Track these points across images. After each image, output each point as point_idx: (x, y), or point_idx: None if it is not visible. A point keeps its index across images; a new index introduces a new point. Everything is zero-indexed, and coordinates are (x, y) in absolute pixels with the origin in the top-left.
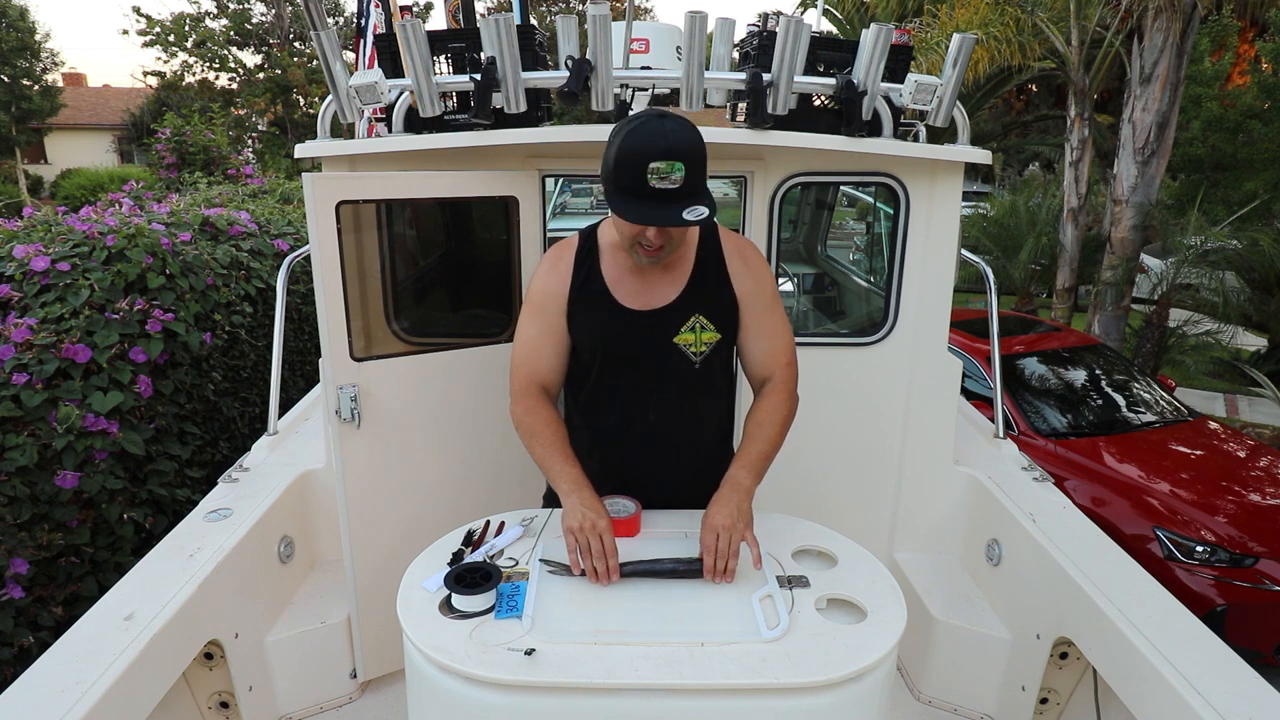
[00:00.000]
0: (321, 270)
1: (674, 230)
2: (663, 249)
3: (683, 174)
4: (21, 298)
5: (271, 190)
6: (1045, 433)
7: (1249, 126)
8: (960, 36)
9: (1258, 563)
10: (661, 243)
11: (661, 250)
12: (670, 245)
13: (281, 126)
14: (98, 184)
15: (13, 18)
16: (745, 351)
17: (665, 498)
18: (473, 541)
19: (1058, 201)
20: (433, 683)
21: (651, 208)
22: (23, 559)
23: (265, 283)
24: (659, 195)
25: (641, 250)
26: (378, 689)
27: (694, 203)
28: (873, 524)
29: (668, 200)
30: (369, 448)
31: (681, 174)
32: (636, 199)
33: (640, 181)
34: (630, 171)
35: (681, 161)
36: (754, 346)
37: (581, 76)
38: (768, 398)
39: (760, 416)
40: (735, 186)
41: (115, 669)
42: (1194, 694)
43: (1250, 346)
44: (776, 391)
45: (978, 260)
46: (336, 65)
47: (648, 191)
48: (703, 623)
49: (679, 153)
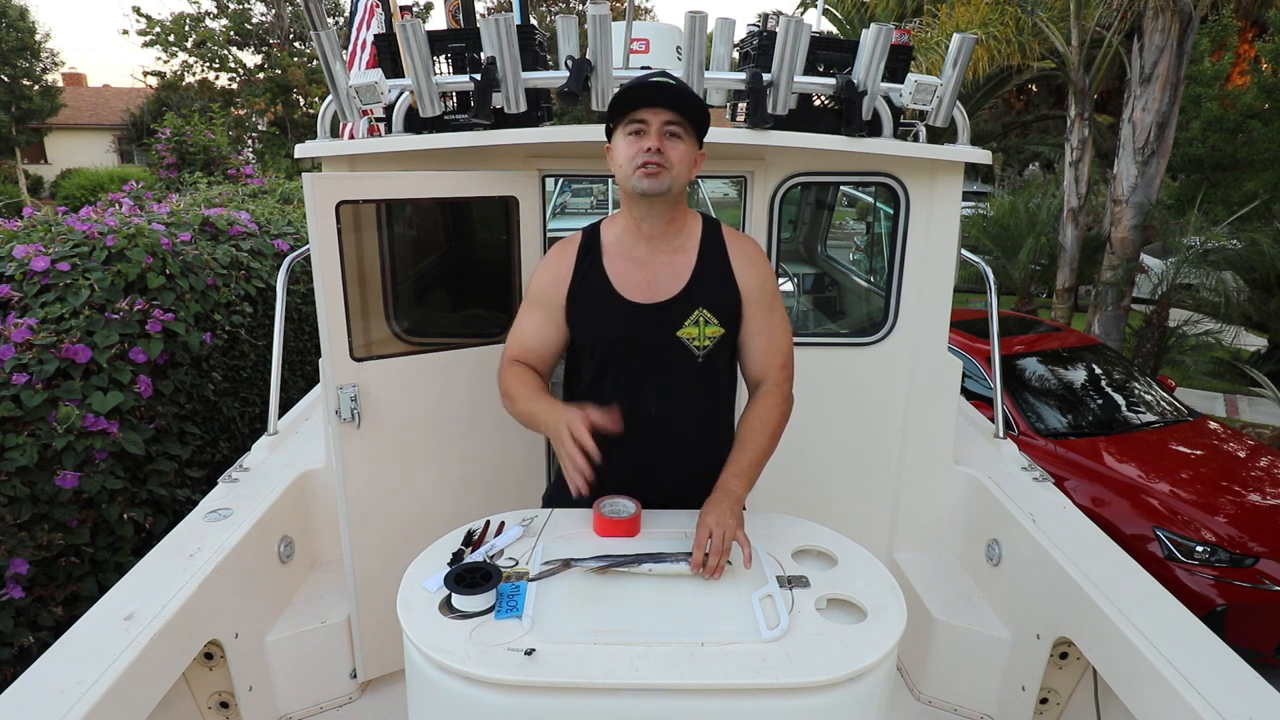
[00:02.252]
0: (321, 270)
1: (672, 152)
2: (663, 168)
3: (671, 86)
4: (21, 298)
5: (271, 190)
6: (1045, 433)
7: (1249, 126)
8: (960, 36)
9: (1258, 563)
10: (660, 148)
11: (662, 169)
12: (670, 168)
13: (281, 126)
14: (98, 184)
15: (13, 18)
16: (743, 348)
17: (665, 494)
18: (473, 541)
19: (1058, 201)
20: (433, 683)
21: (651, 94)
22: (23, 559)
23: (265, 283)
24: (653, 90)
25: (642, 170)
26: (378, 689)
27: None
28: (873, 524)
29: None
30: (369, 448)
31: (671, 85)
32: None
33: (638, 92)
34: (630, 92)
35: (671, 79)
36: (752, 344)
37: (581, 76)
38: (761, 401)
39: (753, 423)
40: (735, 186)
41: (115, 669)
42: (1194, 694)
43: (1250, 346)
44: (770, 395)
45: (978, 260)
46: (336, 65)
47: (642, 92)
48: (703, 623)
49: (669, 75)
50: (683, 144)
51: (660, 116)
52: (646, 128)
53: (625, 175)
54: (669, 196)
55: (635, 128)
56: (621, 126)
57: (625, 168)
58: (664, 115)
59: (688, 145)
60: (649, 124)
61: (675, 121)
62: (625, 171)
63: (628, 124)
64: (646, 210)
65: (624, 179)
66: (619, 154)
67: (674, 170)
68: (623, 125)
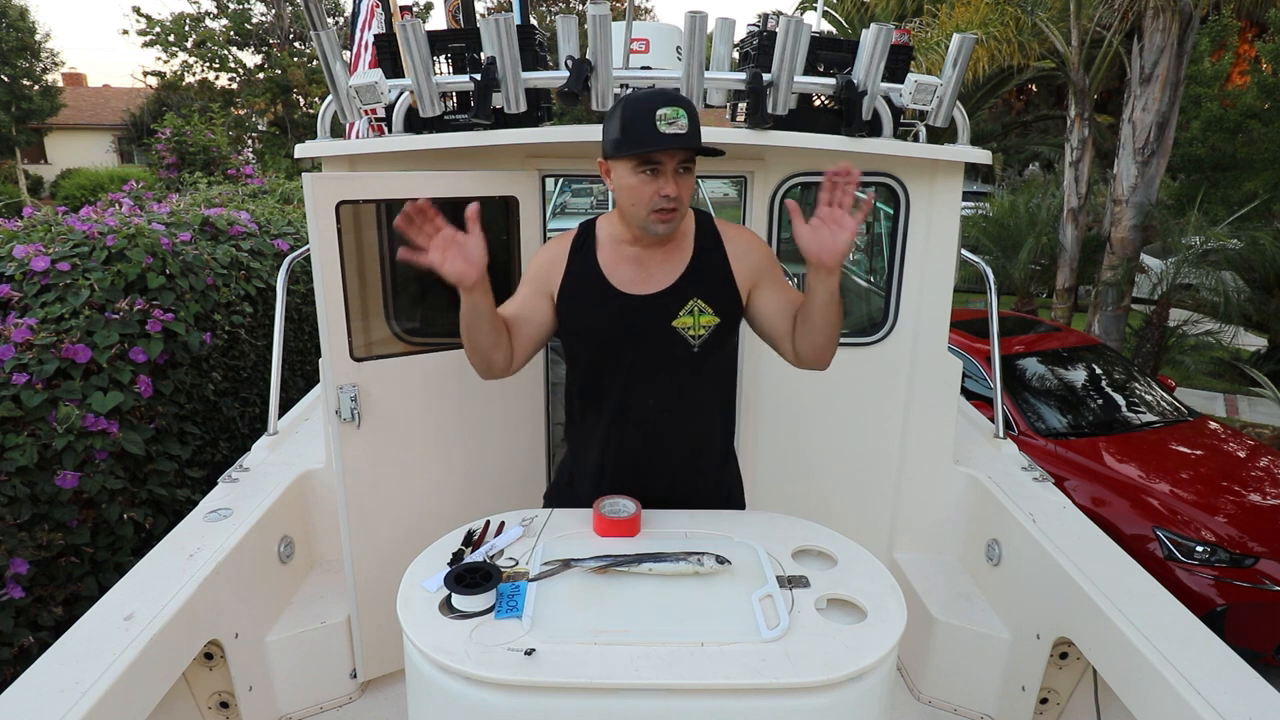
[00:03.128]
0: (321, 270)
1: (683, 189)
2: (676, 211)
3: (686, 120)
4: (21, 298)
5: (271, 190)
6: (1045, 433)
7: (1249, 126)
8: (960, 36)
9: (1258, 563)
10: (678, 194)
11: (675, 213)
12: (681, 208)
13: (281, 126)
14: (98, 184)
15: (13, 18)
16: (778, 312)
17: (663, 489)
18: (473, 541)
19: (1058, 201)
20: (433, 683)
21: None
22: (23, 559)
23: (265, 283)
24: (670, 139)
25: (657, 216)
26: (378, 689)
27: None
28: (873, 524)
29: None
30: (369, 448)
31: (685, 120)
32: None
33: (651, 129)
34: (640, 123)
35: (683, 109)
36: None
37: (581, 76)
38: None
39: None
40: (735, 186)
41: (115, 669)
42: (1194, 694)
43: (1250, 346)
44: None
45: (978, 260)
46: (336, 65)
47: (660, 137)
48: (703, 623)
49: (680, 101)
50: (691, 175)
51: (676, 158)
52: (662, 169)
53: (636, 215)
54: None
55: (651, 168)
56: (630, 158)
57: (637, 208)
58: (679, 156)
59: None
60: (665, 166)
61: (689, 160)
62: (637, 212)
63: (642, 163)
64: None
65: (633, 216)
66: (625, 186)
67: (683, 206)
68: (633, 159)
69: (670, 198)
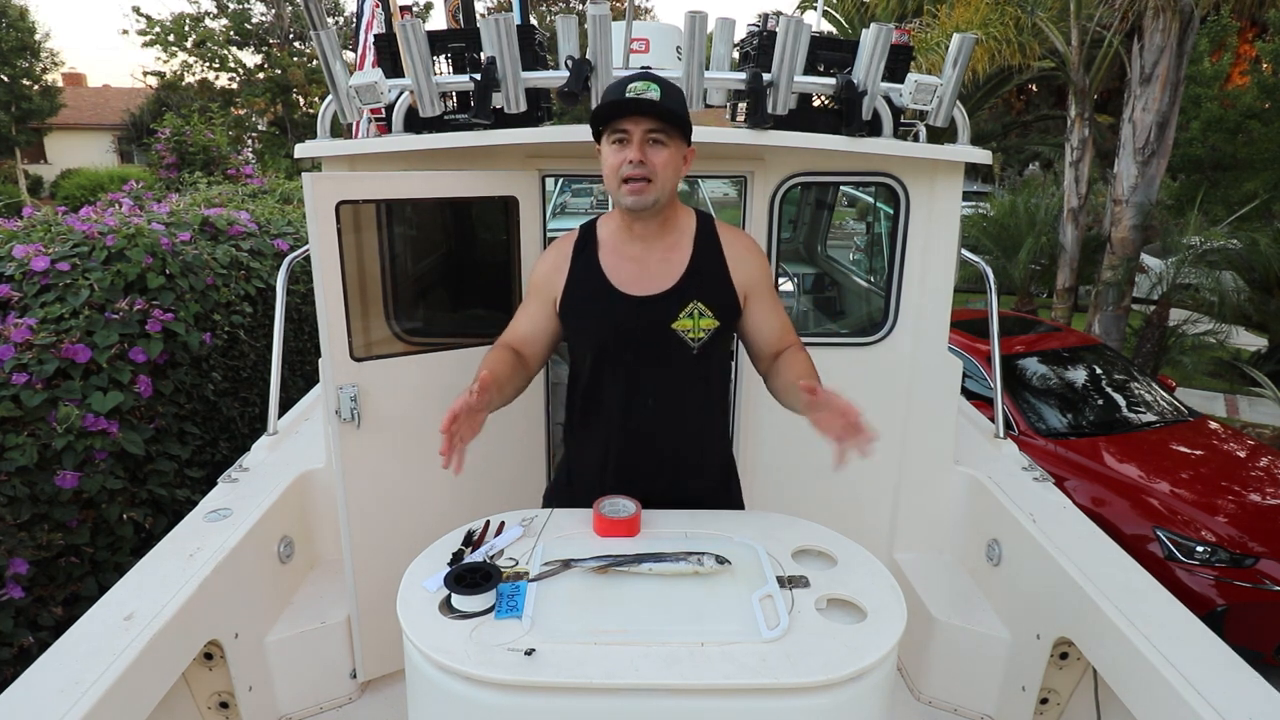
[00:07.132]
0: (321, 270)
1: (655, 159)
2: (649, 184)
3: (658, 94)
4: (21, 298)
5: (271, 190)
6: (1045, 433)
7: (1249, 126)
8: (960, 36)
9: (1258, 563)
10: (643, 160)
11: (646, 185)
12: (656, 182)
13: (281, 126)
14: (98, 184)
15: (13, 18)
16: (759, 330)
17: (663, 489)
18: (473, 541)
19: (1057, 201)
20: (433, 683)
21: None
22: (23, 559)
23: (265, 283)
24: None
25: (627, 188)
26: (378, 689)
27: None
28: (873, 524)
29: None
30: (369, 448)
31: (657, 93)
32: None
33: (620, 98)
34: (611, 94)
35: (657, 85)
36: (766, 328)
37: (581, 76)
38: (796, 354)
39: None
40: (735, 186)
41: (115, 669)
42: (1194, 694)
43: (1250, 346)
44: (798, 349)
45: (978, 260)
46: (336, 65)
47: (624, 102)
48: (703, 623)
49: (655, 79)
50: (666, 149)
51: (642, 125)
52: (629, 137)
53: (612, 187)
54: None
55: (618, 137)
56: (606, 134)
57: (611, 179)
58: (646, 124)
59: (672, 149)
60: (631, 134)
61: (658, 129)
62: (611, 183)
63: (611, 132)
64: (636, 215)
65: (611, 190)
66: (604, 162)
67: (659, 179)
68: (607, 133)
69: (637, 164)
